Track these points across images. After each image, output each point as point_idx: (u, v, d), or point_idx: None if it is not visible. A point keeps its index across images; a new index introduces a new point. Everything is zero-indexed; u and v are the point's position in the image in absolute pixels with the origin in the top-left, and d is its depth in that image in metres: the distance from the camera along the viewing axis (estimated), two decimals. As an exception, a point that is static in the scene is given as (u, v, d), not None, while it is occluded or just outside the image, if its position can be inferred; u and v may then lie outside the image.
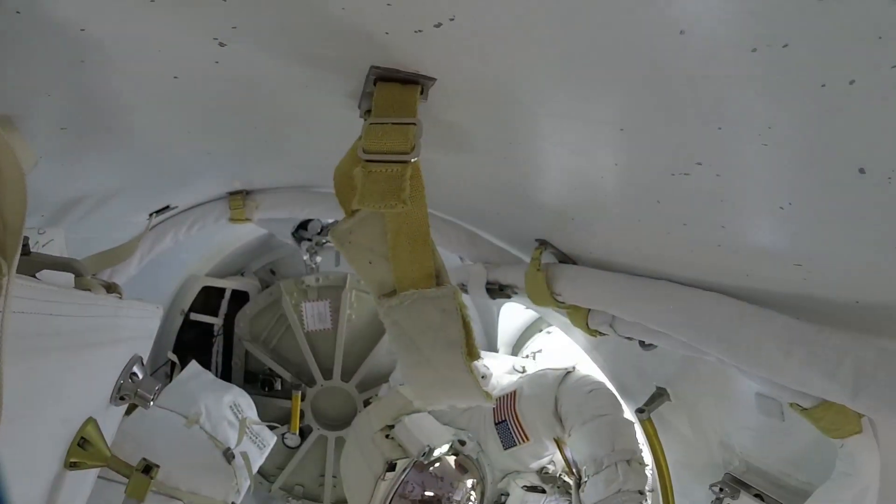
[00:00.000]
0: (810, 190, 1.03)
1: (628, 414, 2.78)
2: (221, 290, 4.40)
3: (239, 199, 2.71)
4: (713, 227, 1.27)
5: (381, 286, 1.25)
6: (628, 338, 1.89)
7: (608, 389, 2.88)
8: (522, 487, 3.15)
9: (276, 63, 1.19)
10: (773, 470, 2.10)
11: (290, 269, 4.79)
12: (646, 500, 2.56)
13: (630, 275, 1.74)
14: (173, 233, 2.69)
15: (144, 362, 1.83)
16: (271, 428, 3.95)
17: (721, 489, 2.16)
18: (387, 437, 3.12)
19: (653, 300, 1.62)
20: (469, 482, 3.18)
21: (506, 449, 3.14)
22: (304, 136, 1.85)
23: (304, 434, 4.56)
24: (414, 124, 1.09)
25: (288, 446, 4.55)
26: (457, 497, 3.14)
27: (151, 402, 1.84)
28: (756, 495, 2.09)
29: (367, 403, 4.34)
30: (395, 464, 2.97)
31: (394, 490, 3.01)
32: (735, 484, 2.15)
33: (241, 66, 1.22)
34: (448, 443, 3.10)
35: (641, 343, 1.91)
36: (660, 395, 2.44)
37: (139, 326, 1.88)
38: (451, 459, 3.19)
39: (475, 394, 1.33)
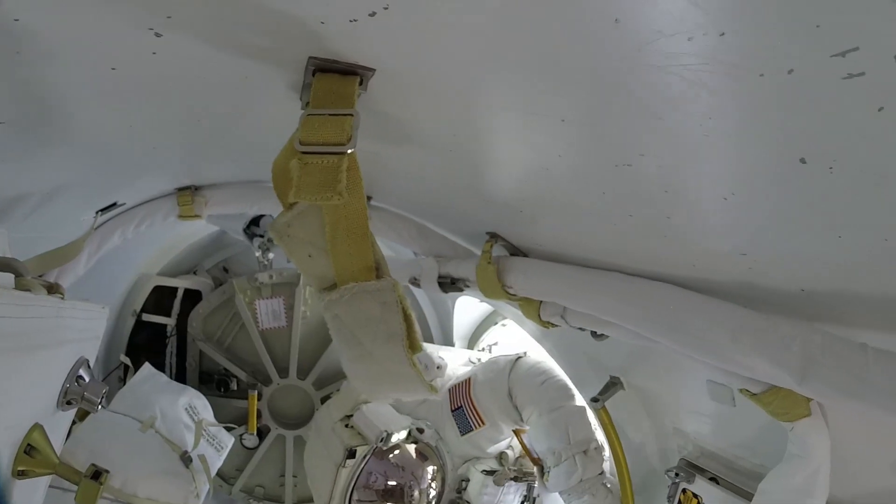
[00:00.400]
0: (753, 180, 1.03)
1: (580, 400, 2.85)
2: (174, 290, 4.29)
3: (188, 195, 2.61)
4: (659, 219, 1.27)
5: (321, 280, 1.23)
6: (580, 328, 1.88)
7: (559, 379, 2.95)
8: (482, 472, 3.21)
9: (214, 54, 1.16)
10: (726, 454, 2.14)
11: (243, 267, 4.70)
12: (605, 476, 2.68)
13: (580, 266, 1.74)
14: (121, 231, 2.58)
15: (91, 365, 1.76)
16: (228, 429, 3.86)
17: (677, 474, 2.19)
18: (346, 426, 3.17)
19: (603, 291, 1.62)
20: (430, 469, 3.23)
21: (463, 435, 3.20)
22: (251, 129, 1.80)
23: (262, 434, 4.48)
24: (351, 115, 1.07)
25: (246, 447, 4.47)
26: (419, 484, 3.18)
27: (99, 406, 1.78)
28: (711, 479, 2.13)
29: (324, 401, 4.26)
30: (355, 451, 3.01)
31: (355, 476, 3.04)
32: (690, 468, 2.19)
33: (180, 57, 1.19)
34: (406, 429, 3.14)
35: (593, 333, 1.92)
36: (613, 385, 2.46)
37: (84, 328, 1.82)
38: (412, 448, 3.24)
39: (419, 387, 1.32)
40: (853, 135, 0.84)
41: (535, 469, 3.03)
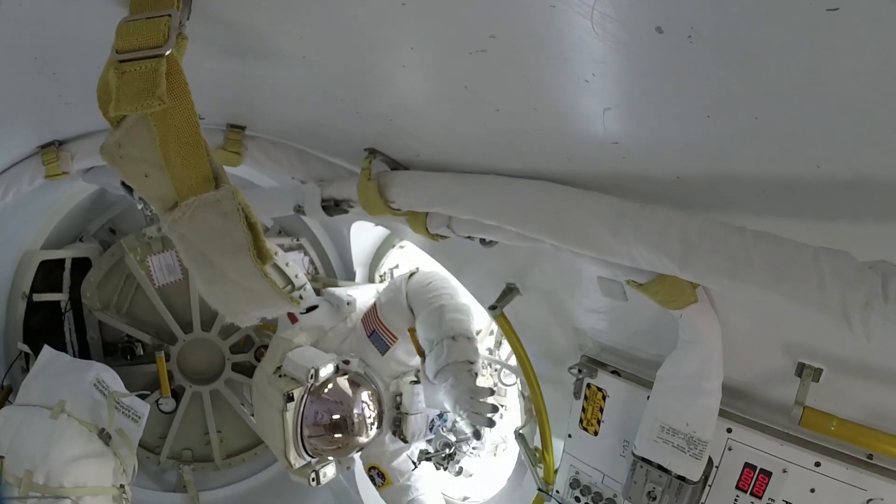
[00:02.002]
0: (610, 56, 0.97)
1: (462, 297, 3.10)
2: (61, 262, 3.93)
3: (52, 152, 2.38)
4: (525, 112, 1.22)
5: (163, 200, 1.16)
6: (468, 237, 1.86)
7: (442, 280, 3.19)
8: (410, 383, 3.45)
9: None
10: (624, 347, 2.21)
11: (131, 224, 4.34)
12: (476, 367, 2.90)
13: (459, 173, 1.70)
14: None
15: None
16: (142, 397, 3.68)
17: (580, 370, 2.25)
18: (280, 376, 3.31)
19: (482, 195, 1.59)
20: (365, 394, 3.41)
21: (384, 354, 3.41)
22: (99, 64, 1.61)
23: (177, 396, 4.29)
24: (169, 16, 1.00)
25: (165, 412, 4.28)
26: (357, 411, 3.37)
27: None
28: (613, 372, 2.20)
29: (232, 349, 4.20)
30: (292, 394, 3.17)
31: (300, 417, 3.22)
32: (592, 364, 2.25)
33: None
34: (331, 362, 3.30)
35: (482, 241, 1.90)
36: (510, 291, 2.48)
37: None
38: (344, 381, 3.40)
39: (277, 300, 1.27)
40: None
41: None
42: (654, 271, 1.49)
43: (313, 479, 3.35)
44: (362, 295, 3.66)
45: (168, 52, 0.97)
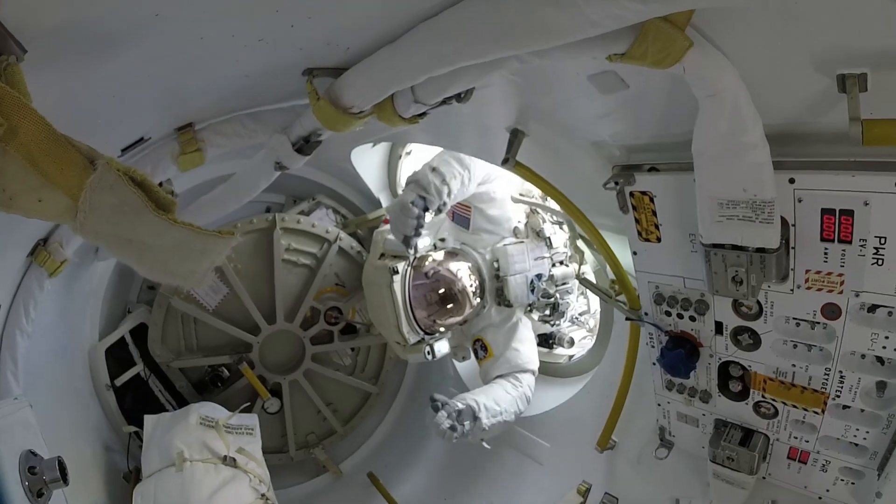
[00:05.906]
0: None
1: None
2: (122, 340, 4.07)
3: (42, 253, 2.44)
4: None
5: (67, 213, 1.16)
6: (443, 102, 1.75)
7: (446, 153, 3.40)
8: (503, 246, 3.66)
9: None
10: (650, 139, 2.04)
11: (162, 273, 4.39)
12: (428, 196, 3.14)
13: (391, 44, 1.58)
14: (20, 332, 2.45)
15: (37, 452, 1.72)
16: (247, 410, 3.83)
17: (616, 183, 2.10)
18: (384, 258, 3.65)
19: (420, 47, 1.48)
20: (464, 265, 3.71)
21: (469, 229, 3.73)
22: None
23: (278, 393, 4.43)
24: None
25: (273, 413, 4.43)
26: (460, 280, 3.67)
27: (66, 479, 1.74)
28: (650, 169, 2.04)
29: (304, 327, 4.28)
30: (397, 269, 3.51)
31: (407, 287, 3.56)
32: (626, 171, 2.09)
33: None
34: (427, 237, 3.54)
35: (457, 99, 1.76)
36: (515, 136, 2.34)
37: (7, 426, 1.78)
38: (441, 254, 3.76)
39: (206, 240, 1.23)
40: None
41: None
42: (625, 25, 1.30)
43: (429, 353, 3.64)
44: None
45: None
